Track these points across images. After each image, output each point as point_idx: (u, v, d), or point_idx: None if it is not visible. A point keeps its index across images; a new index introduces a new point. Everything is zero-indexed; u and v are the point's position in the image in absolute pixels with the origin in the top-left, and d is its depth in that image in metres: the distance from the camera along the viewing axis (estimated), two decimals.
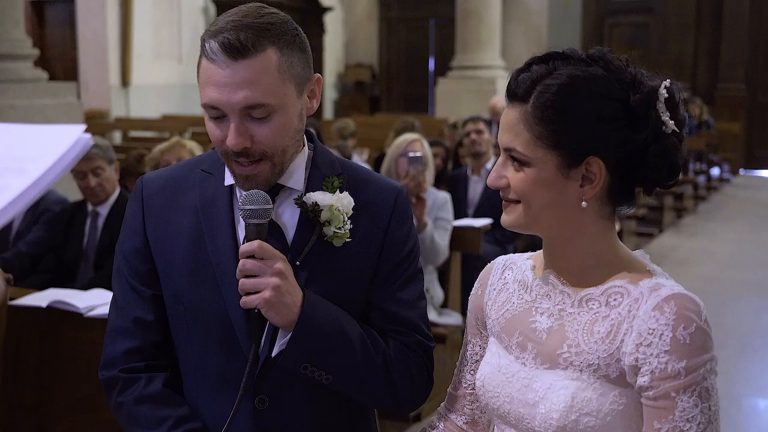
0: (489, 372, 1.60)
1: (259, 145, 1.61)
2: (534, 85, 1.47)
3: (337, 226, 1.68)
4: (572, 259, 1.53)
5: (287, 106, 1.62)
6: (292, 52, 1.62)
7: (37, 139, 0.85)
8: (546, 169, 1.47)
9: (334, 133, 8.14)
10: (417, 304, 1.79)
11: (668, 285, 1.45)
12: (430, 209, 4.55)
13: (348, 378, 1.68)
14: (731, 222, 11.27)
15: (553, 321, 1.53)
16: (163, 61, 14.28)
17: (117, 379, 1.73)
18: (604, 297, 1.49)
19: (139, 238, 1.76)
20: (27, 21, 8.68)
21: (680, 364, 1.37)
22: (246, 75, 1.56)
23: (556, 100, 1.44)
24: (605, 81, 1.45)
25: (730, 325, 6.37)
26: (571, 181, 1.47)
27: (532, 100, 1.46)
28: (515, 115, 1.49)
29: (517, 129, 1.48)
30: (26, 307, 3.07)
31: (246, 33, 1.56)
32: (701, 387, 1.38)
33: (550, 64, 1.48)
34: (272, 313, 1.58)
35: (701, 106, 14.83)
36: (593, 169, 1.46)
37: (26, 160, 0.81)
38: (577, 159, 1.46)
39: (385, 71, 19.79)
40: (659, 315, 1.40)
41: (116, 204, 4.38)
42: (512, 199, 1.52)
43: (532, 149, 1.47)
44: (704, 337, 1.39)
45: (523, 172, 1.48)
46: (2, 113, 5.82)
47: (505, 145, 1.50)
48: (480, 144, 6.13)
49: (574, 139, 1.45)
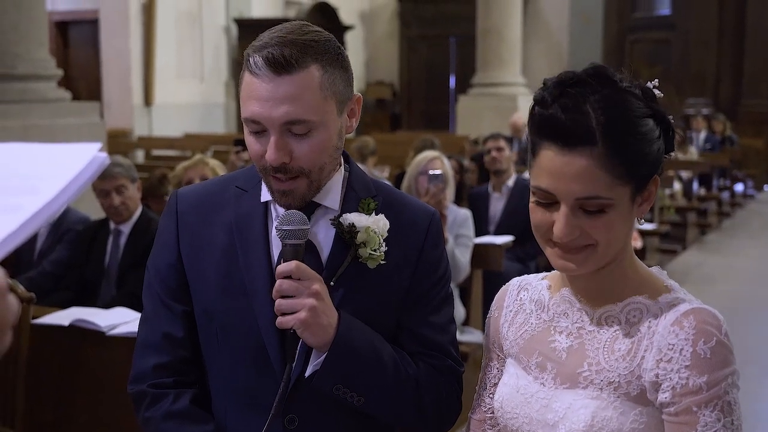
0: (507, 393, 1.59)
1: (297, 162, 1.61)
2: (591, 124, 1.38)
3: (373, 248, 1.68)
4: (592, 277, 1.51)
5: (327, 123, 1.63)
6: (334, 70, 1.62)
7: (52, 158, 0.85)
8: (623, 204, 1.42)
9: (354, 151, 8.15)
10: (448, 329, 1.79)
11: (687, 300, 1.44)
12: (451, 226, 4.54)
13: (379, 400, 1.68)
14: (755, 238, 11.16)
15: (573, 340, 1.52)
16: (185, 80, 14.40)
17: (145, 394, 1.73)
18: (624, 314, 1.47)
19: (171, 252, 1.76)
20: (51, 41, 8.78)
21: (701, 378, 1.36)
22: (288, 90, 1.57)
23: (622, 134, 1.38)
24: (636, 98, 1.42)
25: (755, 342, 6.29)
26: (636, 205, 1.45)
27: (599, 140, 1.38)
28: (584, 160, 1.38)
29: (595, 174, 1.38)
30: (48, 326, 3.09)
31: (290, 49, 1.57)
32: (723, 401, 1.36)
33: (589, 98, 1.39)
34: (308, 333, 1.58)
35: (724, 122, 14.75)
36: (652, 187, 1.46)
37: (41, 179, 0.81)
38: (645, 183, 1.44)
39: (406, 89, 19.83)
40: (679, 330, 1.38)
41: (138, 222, 4.40)
42: (584, 245, 1.44)
43: (614, 189, 1.40)
44: (725, 351, 1.37)
45: (605, 215, 1.41)
46: (26, 133, 5.87)
47: (584, 195, 1.39)
48: (500, 161, 6.11)
49: (646, 165, 1.42)
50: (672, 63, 17.11)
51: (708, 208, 11.48)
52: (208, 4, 14.89)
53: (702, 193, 11.70)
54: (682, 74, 16.59)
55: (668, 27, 17.51)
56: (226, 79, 15.25)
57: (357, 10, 19.11)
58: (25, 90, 6.13)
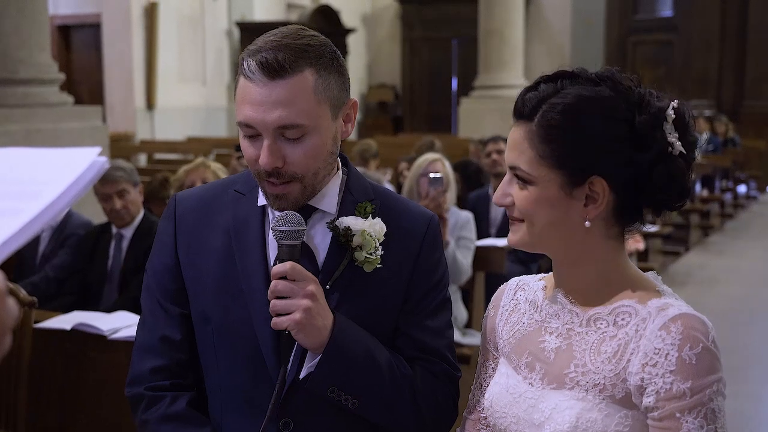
0: (497, 392, 1.60)
1: (290, 166, 1.61)
2: (540, 104, 1.46)
3: (369, 252, 1.68)
4: (580, 278, 1.52)
5: (321, 128, 1.62)
6: (329, 74, 1.62)
7: (51, 162, 0.85)
8: (549, 188, 1.46)
9: (356, 154, 8.16)
10: (445, 333, 1.79)
11: (676, 305, 1.44)
12: (453, 228, 4.54)
13: (374, 403, 1.68)
14: (758, 240, 11.14)
15: (562, 341, 1.52)
16: (187, 83, 14.43)
17: (142, 396, 1.74)
18: (612, 316, 1.48)
19: (169, 255, 1.77)
20: (53, 45, 8.80)
21: (685, 384, 1.36)
22: (282, 94, 1.57)
23: (560, 119, 1.44)
24: (611, 101, 1.45)
25: (758, 344, 6.29)
26: (575, 201, 1.46)
27: (537, 118, 1.46)
28: (520, 133, 1.49)
29: (522, 147, 1.48)
30: (50, 330, 3.09)
31: (284, 53, 1.57)
32: (707, 408, 1.36)
33: (557, 83, 1.48)
34: (302, 335, 1.58)
35: (727, 124, 14.73)
36: (596, 189, 1.45)
37: (40, 184, 0.81)
38: (580, 178, 1.45)
39: (408, 91, 19.85)
40: (665, 335, 1.38)
41: (140, 226, 4.40)
42: (517, 217, 1.52)
43: (536, 168, 1.46)
44: (711, 358, 1.37)
45: (526, 190, 1.48)
46: (29, 137, 5.88)
47: (510, 163, 1.50)
48: (501, 164, 6.11)
49: (578, 158, 1.44)
50: (674, 65, 17.12)
51: (711, 209, 11.46)
52: (211, 8, 14.92)
53: (704, 194, 11.69)
54: (684, 76, 16.59)
55: (670, 29, 17.52)
56: (229, 82, 15.28)
57: (359, 12, 19.15)
58: (28, 94, 6.14)
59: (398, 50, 19.93)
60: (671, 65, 17.08)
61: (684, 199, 1.50)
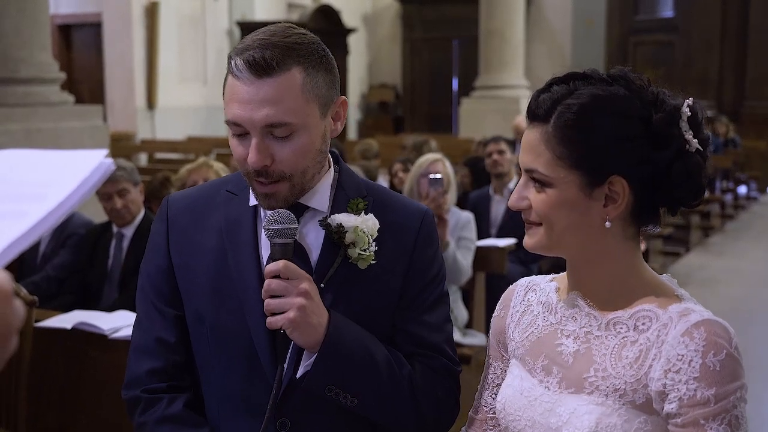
0: (510, 395, 1.58)
1: (279, 165, 1.61)
2: (555, 105, 1.45)
3: (362, 248, 1.67)
4: (598, 280, 1.51)
5: (310, 126, 1.62)
6: (317, 72, 1.62)
7: (57, 164, 0.85)
8: (568, 190, 1.45)
9: (357, 154, 8.16)
10: (443, 328, 1.77)
11: (698, 310, 1.43)
12: (453, 229, 4.54)
13: (373, 401, 1.67)
14: (759, 241, 11.14)
15: (580, 344, 1.51)
16: (188, 83, 14.43)
17: (139, 399, 1.73)
18: (632, 321, 1.47)
19: (163, 257, 1.76)
20: (54, 45, 8.79)
21: (710, 391, 1.35)
22: (269, 93, 1.56)
23: (576, 119, 1.43)
24: (626, 100, 1.44)
25: (759, 345, 6.28)
26: (594, 201, 1.45)
27: (553, 120, 1.45)
28: (536, 135, 1.47)
29: (539, 149, 1.46)
30: (51, 329, 3.09)
31: (272, 51, 1.56)
32: (731, 415, 1.35)
33: (570, 84, 1.47)
34: (297, 333, 1.57)
35: (727, 124, 14.71)
36: (616, 188, 1.45)
37: (46, 186, 0.81)
38: (599, 178, 1.44)
39: (409, 91, 19.85)
40: (688, 341, 1.37)
41: (141, 226, 4.40)
42: (534, 221, 1.50)
43: (554, 169, 1.45)
44: (734, 365, 1.37)
45: (544, 193, 1.47)
46: (29, 136, 5.88)
47: (526, 166, 1.49)
48: (502, 164, 6.11)
49: (596, 158, 1.43)
50: (675, 65, 17.09)
51: (711, 210, 11.46)
52: (211, 8, 14.91)
53: (705, 195, 11.66)
54: (684, 76, 16.56)
55: (671, 29, 17.50)
56: None
57: (360, 12, 19.14)
58: (28, 93, 6.14)
59: (399, 50, 19.92)
60: (672, 66, 17.05)
61: (701, 195, 1.50)
